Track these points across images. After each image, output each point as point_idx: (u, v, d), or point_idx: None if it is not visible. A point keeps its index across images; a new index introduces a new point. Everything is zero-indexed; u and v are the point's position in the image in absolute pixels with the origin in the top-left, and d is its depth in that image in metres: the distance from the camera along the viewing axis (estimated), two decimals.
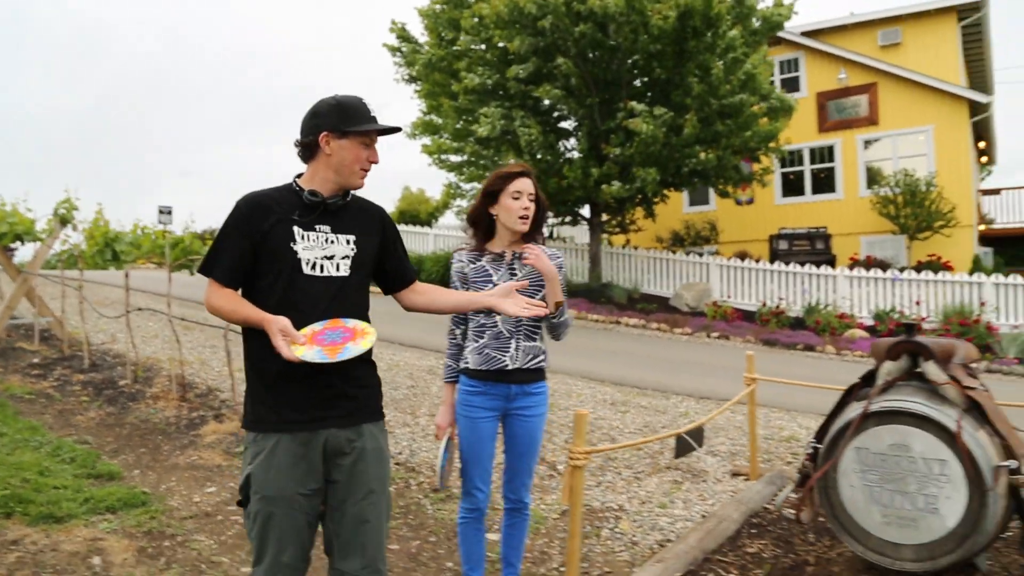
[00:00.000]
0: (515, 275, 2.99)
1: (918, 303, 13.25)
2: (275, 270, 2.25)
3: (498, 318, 2.96)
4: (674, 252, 16.52)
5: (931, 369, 3.02)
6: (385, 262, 2.47)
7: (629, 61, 13.29)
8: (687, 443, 3.72)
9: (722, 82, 12.36)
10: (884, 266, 14.88)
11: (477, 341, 2.98)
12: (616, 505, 4.52)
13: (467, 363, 2.99)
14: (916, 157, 16.70)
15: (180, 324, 9.37)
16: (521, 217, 2.92)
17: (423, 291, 2.56)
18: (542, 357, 3.05)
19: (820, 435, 3.29)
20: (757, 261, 15.14)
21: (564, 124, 14.93)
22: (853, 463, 3.03)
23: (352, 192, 2.40)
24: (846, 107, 17.46)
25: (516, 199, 2.92)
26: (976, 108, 16.47)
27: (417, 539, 4.03)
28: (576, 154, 14.30)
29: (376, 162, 2.37)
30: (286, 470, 2.19)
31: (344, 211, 2.37)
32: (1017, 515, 2.94)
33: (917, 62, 17.02)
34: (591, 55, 13.21)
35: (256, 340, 2.22)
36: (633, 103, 12.59)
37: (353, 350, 2.22)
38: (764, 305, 14.01)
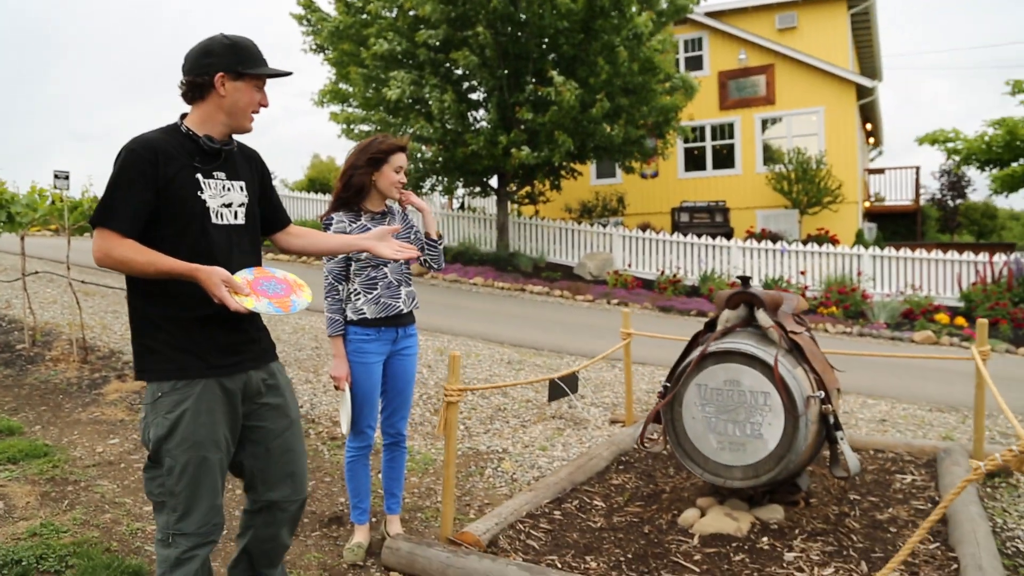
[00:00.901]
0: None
1: (803, 273, 14.20)
2: (181, 220, 2.21)
3: (387, 269, 3.26)
4: (580, 223, 17.06)
5: (761, 316, 3.51)
6: (264, 206, 2.52)
7: (538, 37, 13.60)
8: (559, 387, 4.14)
9: (626, 62, 12.84)
10: (776, 238, 15.81)
11: (371, 292, 3.23)
12: (501, 448, 4.92)
13: (364, 314, 3.21)
14: (809, 136, 17.71)
15: (80, 288, 9.26)
16: (398, 187, 3.25)
17: (300, 234, 2.64)
18: (416, 299, 3.41)
19: (671, 376, 3.75)
20: (658, 232, 15.84)
21: (473, 96, 15.13)
22: (694, 398, 3.50)
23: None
24: (746, 87, 18.31)
25: (396, 172, 3.23)
26: (863, 92, 17.56)
27: (313, 480, 4.33)
28: (485, 124, 14.56)
29: (267, 105, 2.40)
30: (216, 413, 2.25)
31: (233, 157, 2.39)
32: (827, 439, 3.47)
33: (811, 46, 17.98)
34: (501, 28, 13.45)
35: (173, 288, 2.20)
36: (553, 72, 12.90)
37: (300, 303, 2.37)
38: (663, 274, 14.73)
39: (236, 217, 2.38)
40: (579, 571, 3.03)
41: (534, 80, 13.80)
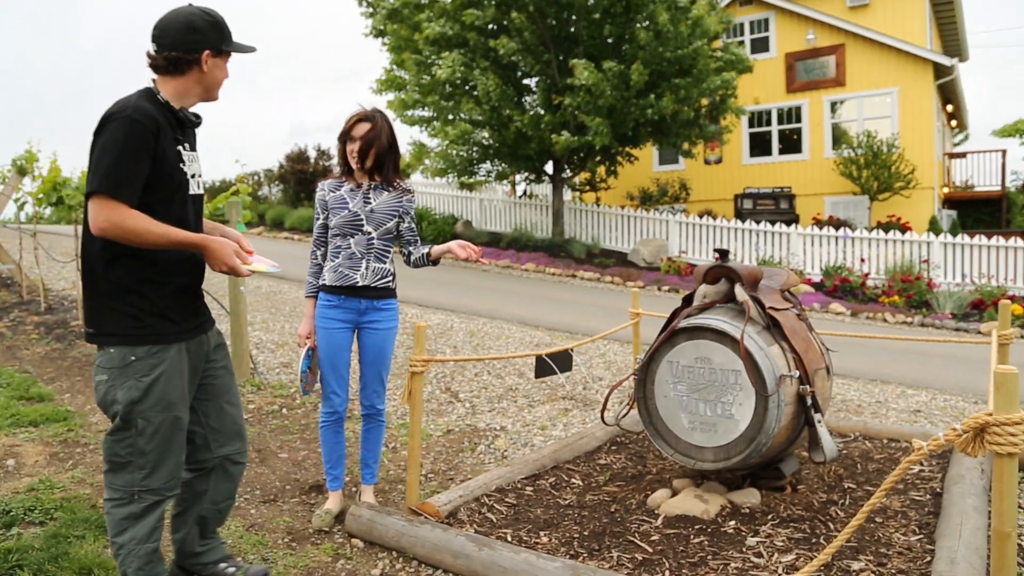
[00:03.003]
0: (368, 203, 3.32)
1: (863, 260, 13.59)
2: (168, 190, 2.29)
3: (352, 240, 3.30)
4: (645, 210, 16.78)
5: (738, 291, 3.37)
6: None
7: (585, 19, 13.44)
8: (547, 365, 4.07)
9: (667, 26, 12.53)
10: (843, 226, 15.18)
11: (334, 260, 3.32)
12: (499, 426, 4.90)
13: (324, 280, 3.34)
14: (881, 119, 16.90)
15: None
16: (354, 158, 3.29)
17: None
18: (390, 278, 3.40)
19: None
20: (715, 219, 15.44)
21: (527, 81, 15.07)
22: (666, 375, 3.39)
23: None
24: (814, 68, 17.59)
25: (351, 143, 3.29)
26: (941, 71, 16.63)
27: (306, 449, 4.41)
28: (535, 108, 14.50)
29: (228, 77, 2.48)
30: (184, 374, 2.37)
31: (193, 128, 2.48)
32: (805, 422, 3.30)
33: (885, 24, 17.12)
34: (545, 10, 13.36)
35: (156, 258, 2.27)
36: (575, 60, 12.77)
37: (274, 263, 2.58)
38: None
39: (199, 187, 2.50)
40: (527, 545, 2.98)
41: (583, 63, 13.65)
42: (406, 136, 24.35)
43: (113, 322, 2.29)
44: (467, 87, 14.23)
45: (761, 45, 18.11)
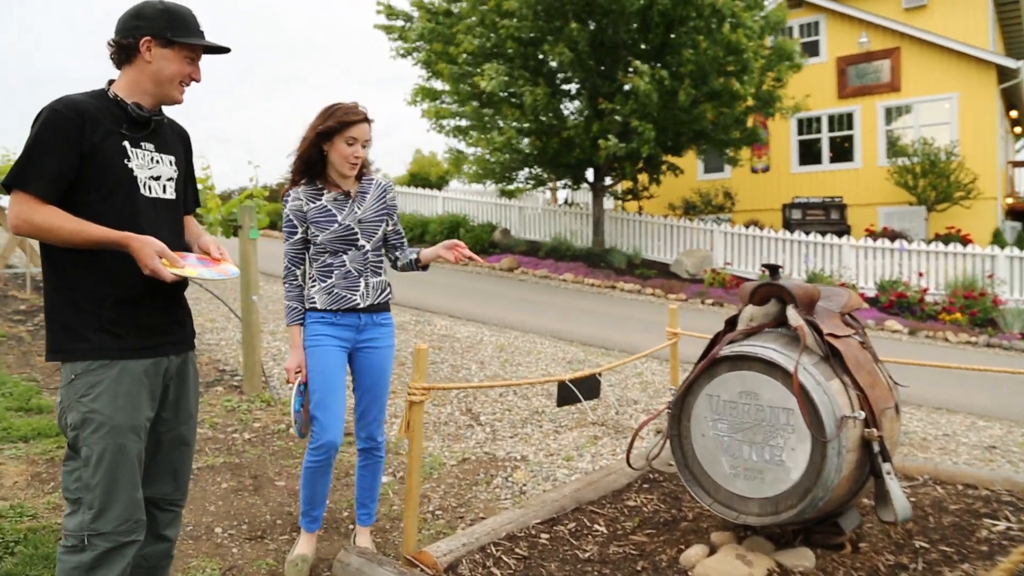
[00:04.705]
0: (356, 212, 2.94)
1: (921, 274, 12.82)
2: (106, 186, 2.06)
3: (347, 256, 2.91)
4: (689, 219, 16.19)
5: (791, 314, 2.87)
6: (186, 188, 2.38)
7: (627, 25, 13.00)
8: (570, 392, 3.61)
9: (706, 51, 12.07)
10: (899, 237, 14.40)
11: (324, 281, 2.90)
12: (520, 455, 4.45)
13: (314, 303, 2.91)
14: (939, 126, 16.04)
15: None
16: (351, 164, 2.86)
17: (186, 225, 2.40)
18: (388, 290, 3.04)
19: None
20: (762, 229, 14.78)
21: (565, 87, 14.66)
22: (704, 411, 2.90)
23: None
24: (867, 73, 16.81)
25: (350, 145, 2.83)
26: (1005, 74, 15.74)
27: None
28: (577, 116, 14.08)
29: (198, 80, 2.23)
30: (135, 397, 2.08)
31: (163, 129, 2.26)
32: (871, 472, 2.79)
33: (943, 25, 16.28)
34: (586, 18, 12.98)
35: (92, 262, 2.04)
36: (637, 62, 12.34)
37: (233, 270, 2.24)
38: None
39: (165, 191, 2.23)
40: None
41: (626, 71, 13.21)
42: (442, 145, 24.21)
43: (56, 335, 2.09)
44: (509, 96, 13.89)
45: (811, 49, 17.37)
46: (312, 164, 2.88)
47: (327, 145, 2.85)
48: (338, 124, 2.82)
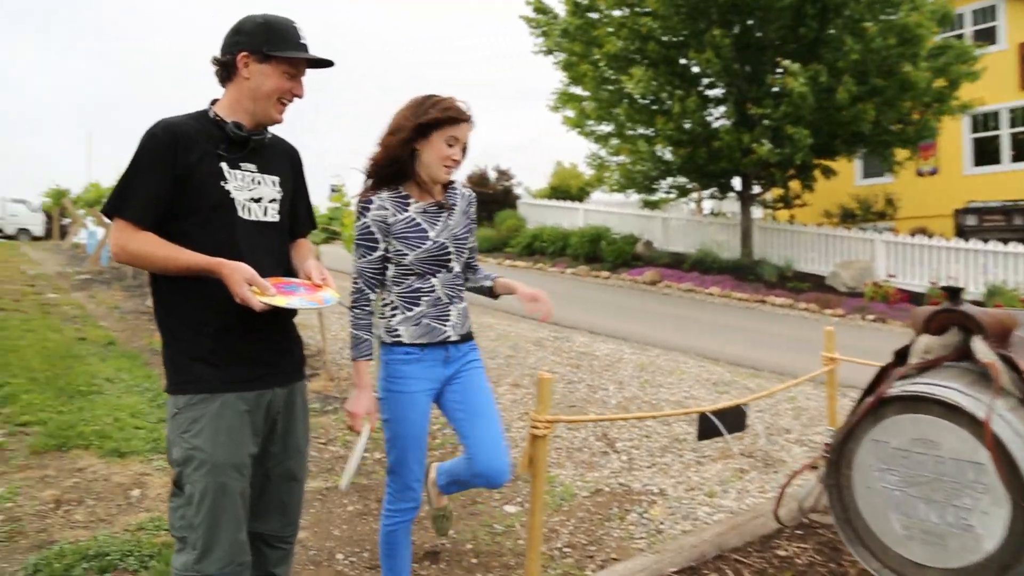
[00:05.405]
0: (449, 226, 2.55)
1: None
2: (203, 212, 2.01)
3: (436, 280, 2.51)
4: (846, 228, 15.10)
5: (978, 346, 2.42)
6: (296, 208, 2.29)
7: (775, 23, 12.29)
8: (712, 425, 3.28)
9: (875, 38, 11.11)
10: None
11: (412, 309, 2.50)
12: (658, 489, 4.13)
13: (399, 336, 2.50)
14: None
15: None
16: (448, 167, 2.47)
17: (296, 248, 2.31)
18: (469, 320, 2.68)
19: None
20: (930, 237, 13.50)
21: (710, 92, 14.08)
22: (870, 459, 2.50)
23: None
24: None
25: (451, 145, 2.45)
26: None
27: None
28: (724, 122, 13.47)
29: (300, 96, 2.14)
30: (236, 433, 2.00)
31: (266, 149, 2.17)
32: None
33: None
34: (734, 19, 12.39)
35: (193, 289, 1.98)
36: (787, 61, 11.64)
37: (331, 297, 2.14)
38: (934, 286, 12.46)
39: (266, 213, 2.15)
40: None
41: (776, 72, 12.50)
42: (584, 151, 24.01)
43: (166, 367, 2.06)
44: (653, 105, 13.54)
45: (987, 36, 15.80)
46: (402, 165, 2.46)
47: (421, 142, 2.44)
48: (443, 117, 2.42)
